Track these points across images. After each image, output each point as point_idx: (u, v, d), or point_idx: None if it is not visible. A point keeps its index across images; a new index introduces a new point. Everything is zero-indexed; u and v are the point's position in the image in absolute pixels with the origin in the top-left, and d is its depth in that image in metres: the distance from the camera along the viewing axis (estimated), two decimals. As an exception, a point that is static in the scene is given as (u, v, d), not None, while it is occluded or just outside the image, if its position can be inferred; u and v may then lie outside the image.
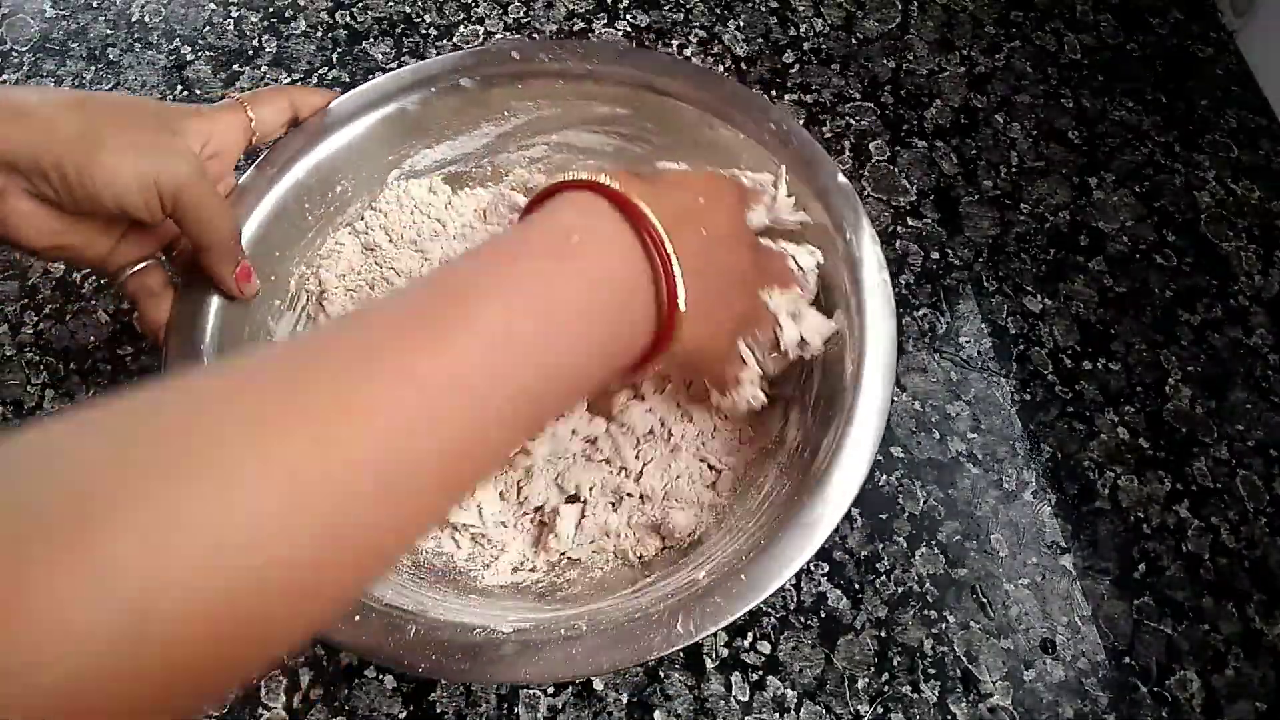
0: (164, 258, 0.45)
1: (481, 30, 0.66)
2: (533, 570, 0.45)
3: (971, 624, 0.46)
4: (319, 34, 0.66)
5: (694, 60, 0.65)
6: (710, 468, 0.47)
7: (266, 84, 0.63)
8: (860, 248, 0.44)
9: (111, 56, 0.65)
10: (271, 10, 0.67)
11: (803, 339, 0.42)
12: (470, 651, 0.36)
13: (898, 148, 0.62)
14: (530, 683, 0.42)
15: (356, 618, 0.36)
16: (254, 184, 0.46)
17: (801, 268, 0.44)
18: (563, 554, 0.46)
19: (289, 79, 0.64)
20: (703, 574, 0.37)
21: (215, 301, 0.44)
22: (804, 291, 0.44)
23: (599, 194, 0.33)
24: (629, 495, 0.46)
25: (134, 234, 0.42)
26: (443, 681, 0.44)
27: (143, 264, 0.43)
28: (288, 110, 0.47)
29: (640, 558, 0.45)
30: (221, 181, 0.44)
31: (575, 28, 0.66)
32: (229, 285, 0.43)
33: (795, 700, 0.44)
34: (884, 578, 0.47)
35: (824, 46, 0.66)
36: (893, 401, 0.52)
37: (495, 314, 0.28)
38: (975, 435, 0.51)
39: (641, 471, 0.46)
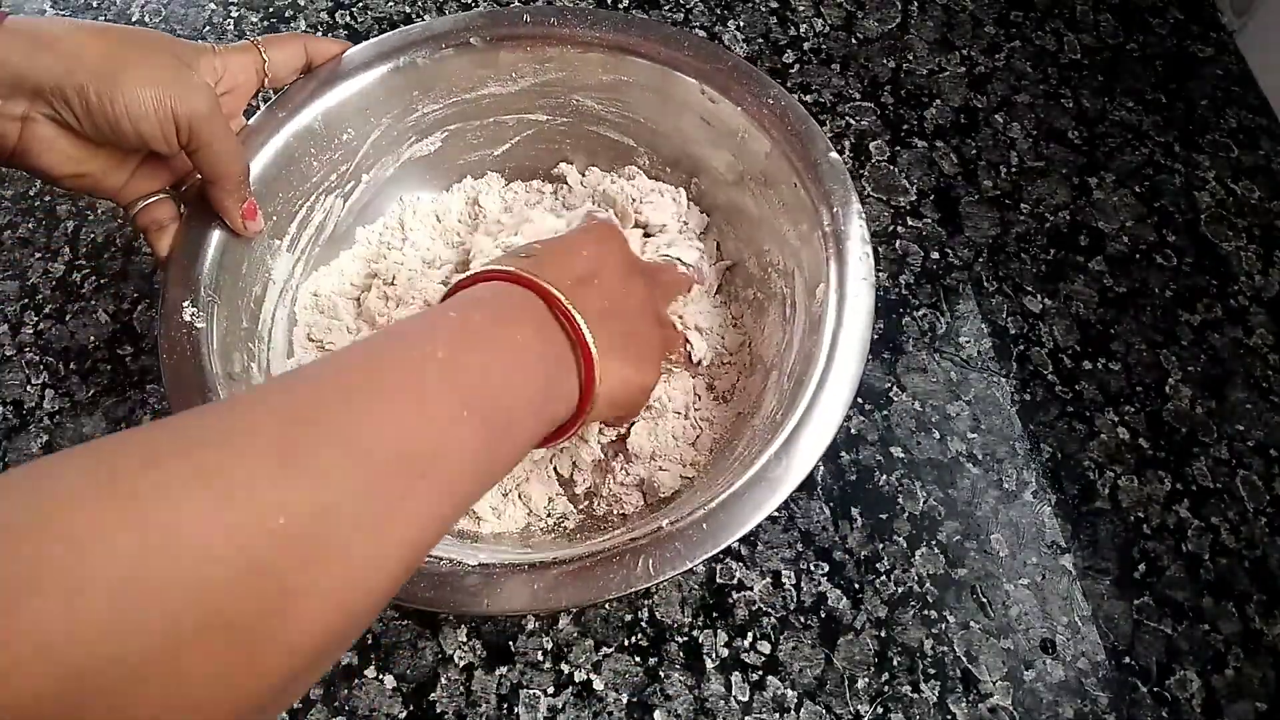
0: (174, 193, 0.46)
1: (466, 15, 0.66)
2: (512, 523, 0.47)
3: (971, 624, 0.46)
4: (319, 34, 0.66)
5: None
6: (693, 425, 0.48)
7: (266, 84, 0.64)
8: (846, 221, 0.44)
9: (111, 56, 0.65)
10: (271, 10, 0.67)
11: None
12: (435, 580, 0.36)
13: (898, 148, 0.62)
14: (491, 613, 0.43)
15: None
16: (263, 125, 0.47)
17: (688, 263, 0.49)
18: (545, 518, 0.47)
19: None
20: (665, 522, 0.38)
21: (216, 235, 0.44)
22: (702, 282, 0.49)
23: (506, 280, 0.36)
24: (618, 455, 0.47)
25: (148, 167, 0.44)
26: (442, 681, 0.44)
27: (154, 197, 0.45)
28: (302, 56, 0.48)
29: (621, 515, 0.46)
30: (233, 120, 0.45)
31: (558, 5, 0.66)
32: (235, 221, 0.44)
33: (795, 700, 0.44)
34: (884, 578, 0.47)
35: (824, 46, 0.66)
36: (892, 401, 0.52)
37: (445, 390, 0.29)
38: (975, 435, 0.51)
39: (628, 432, 0.47)
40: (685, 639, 0.45)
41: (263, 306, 0.47)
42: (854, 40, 0.66)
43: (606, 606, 0.46)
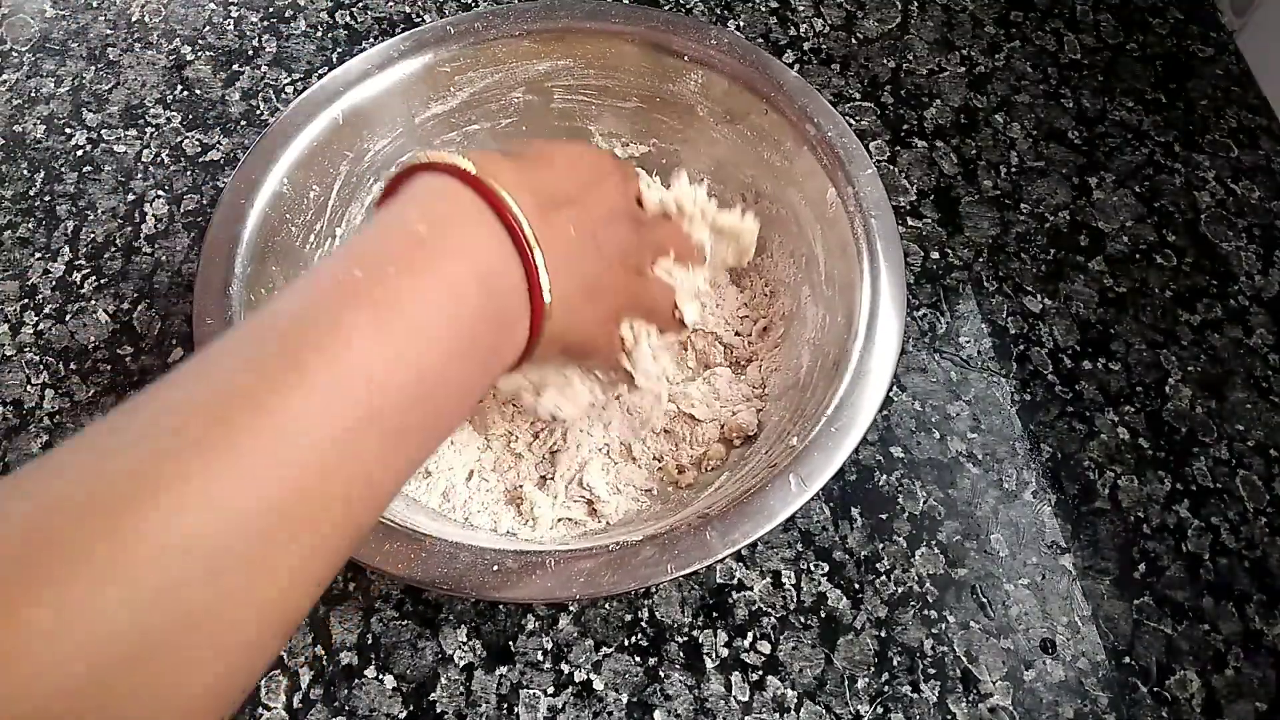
0: None
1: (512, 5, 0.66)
2: (617, 512, 0.47)
3: (971, 624, 0.46)
4: (319, 34, 0.66)
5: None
6: (740, 363, 0.50)
7: (267, 84, 0.64)
8: (834, 130, 0.47)
9: (111, 56, 0.65)
10: (271, 10, 0.67)
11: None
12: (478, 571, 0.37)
13: (898, 148, 0.62)
14: (528, 600, 0.43)
15: (386, 546, 0.38)
16: (235, 200, 0.46)
17: (700, 242, 0.44)
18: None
19: (289, 79, 0.64)
20: (729, 481, 0.40)
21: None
22: (698, 263, 0.43)
23: (455, 177, 0.30)
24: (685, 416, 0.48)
25: None
26: (442, 681, 0.44)
27: None
28: None
29: (712, 467, 0.47)
30: None
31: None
32: None
33: (795, 700, 0.44)
34: (884, 578, 0.47)
35: (824, 46, 0.66)
36: (892, 401, 0.52)
37: (349, 373, 0.25)
38: (975, 435, 0.51)
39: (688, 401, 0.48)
40: (685, 639, 0.45)
41: None
42: (854, 40, 0.66)
43: (606, 606, 0.46)
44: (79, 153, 0.61)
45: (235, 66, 0.64)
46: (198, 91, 0.63)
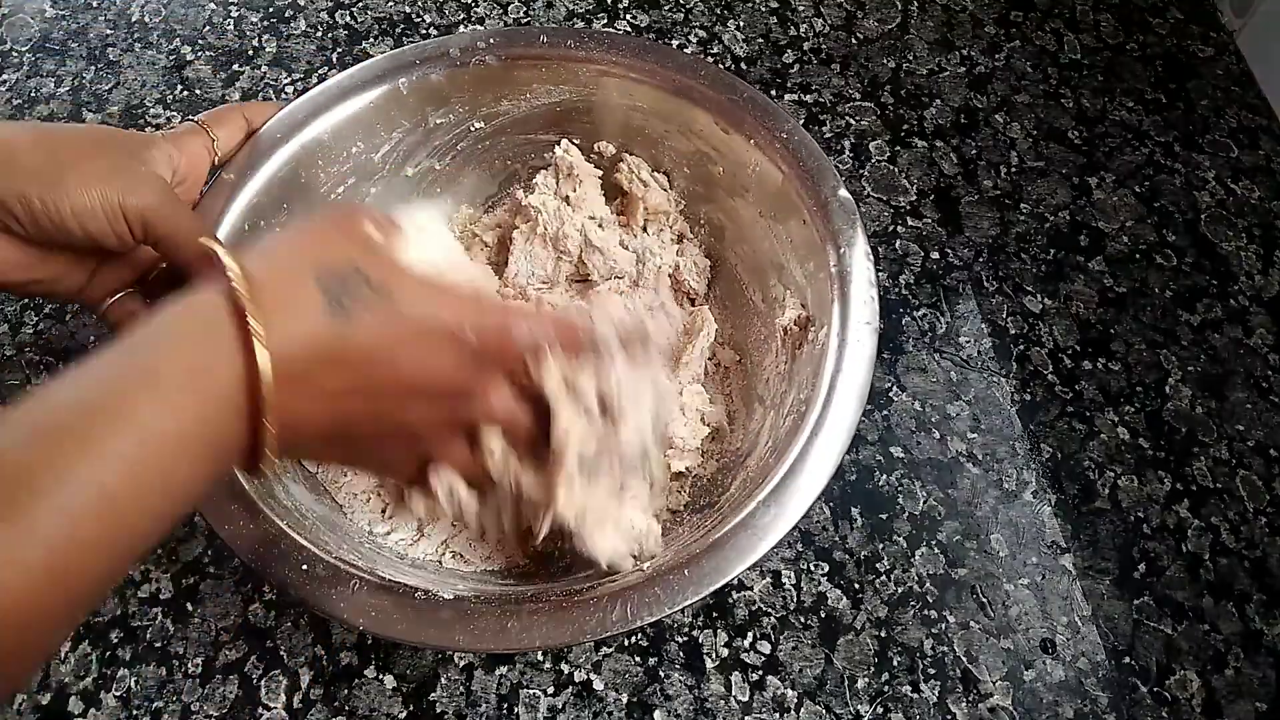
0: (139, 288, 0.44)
1: (482, 30, 0.66)
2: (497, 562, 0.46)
3: (971, 624, 0.46)
4: (319, 34, 0.66)
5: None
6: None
7: (267, 84, 0.64)
8: (851, 263, 0.44)
9: (111, 56, 0.65)
10: (271, 10, 0.67)
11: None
12: (410, 613, 0.36)
13: (898, 148, 0.62)
14: (460, 650, 0.42)
15: (304, 567, 0.37)
16: (275, 132, 0.47)
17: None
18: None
19: (289, 79, 0.64)
20: (647, 565, 0.38)
21: None
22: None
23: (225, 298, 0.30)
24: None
25: (109, 265, 0.42)
26: (442, 681, 0.44)
27: (121, 293, 0.43)
28: (243, 126, 0.47)
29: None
30: (189, 200, 0.44)
31: (575, 28, 0.66)
32: None
33: (795, 700, 0.44)
34: (884, 578, 0.47)
35: (824, 46, 0.66)
36: (892, 401, 0.52)
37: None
38: (975, 435, 0.51)
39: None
40: (685, 639, 0.45)
41: None
42: (854, 40, 0.66)
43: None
44: (79, 153, 0.61)
45: (235, 66, 0.64)
46: (198, 91, 0.63)
